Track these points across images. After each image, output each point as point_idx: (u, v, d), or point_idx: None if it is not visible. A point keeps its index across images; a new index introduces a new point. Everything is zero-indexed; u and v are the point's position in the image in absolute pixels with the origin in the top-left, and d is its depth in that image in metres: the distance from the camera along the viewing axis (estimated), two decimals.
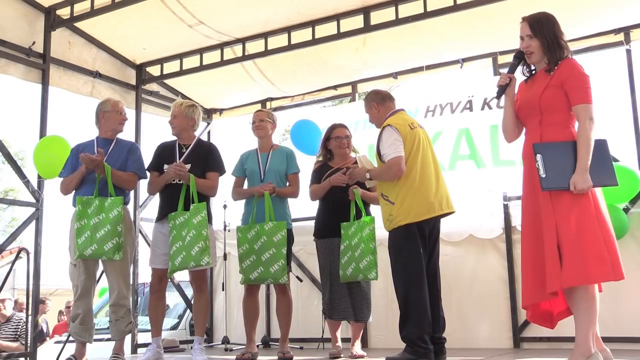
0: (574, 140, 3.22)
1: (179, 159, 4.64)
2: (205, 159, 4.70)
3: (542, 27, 3.38)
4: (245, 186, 4.98)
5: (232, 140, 7.62)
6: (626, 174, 4.83)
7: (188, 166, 4.54)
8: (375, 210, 4.70)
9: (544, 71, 3.38)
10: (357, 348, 4.71)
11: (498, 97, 3.60)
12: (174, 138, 4.82)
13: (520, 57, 3.50)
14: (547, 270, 3.13)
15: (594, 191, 3.17)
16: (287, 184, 4.90)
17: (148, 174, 4.76)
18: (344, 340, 4.91)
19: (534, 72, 3.49)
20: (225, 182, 4.98)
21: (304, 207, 5.01)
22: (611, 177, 3.18)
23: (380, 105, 4.44)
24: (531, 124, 3.37)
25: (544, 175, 3.16)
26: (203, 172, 4.64)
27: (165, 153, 4.75)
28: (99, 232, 4.36)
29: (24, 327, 6.90)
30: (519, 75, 3.57)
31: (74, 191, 4.62)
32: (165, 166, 4.63)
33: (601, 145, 3.20)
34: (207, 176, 4.66)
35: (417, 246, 4.08)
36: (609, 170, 3.17)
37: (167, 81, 6.72)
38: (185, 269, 4.48)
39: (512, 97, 3.52)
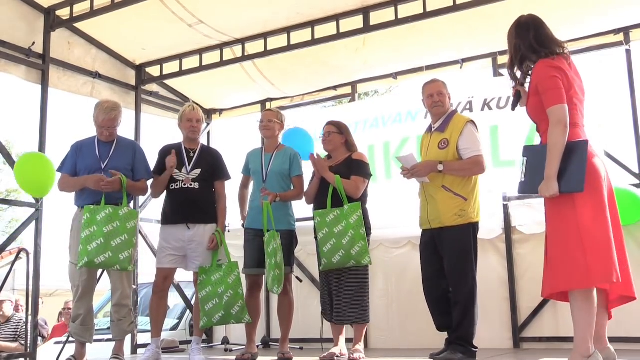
0: (571, 140, 3.13)
1: (188, 164, 4.67)
2: (214, 167, 4.77)
3: (509, 42, 3.45)
4: (251, 185, 5.02)
5: (232, 140, 7.62)
6: (629, 198, 4.76)
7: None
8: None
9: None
10: (356, 351, 4.50)
11: (512, 109, 3.64)
12: (176, 140, 4.85)
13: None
14: (545, 272, 3.24)
15: (583, 199, 3.05)
16: (292, 186, 4.88)
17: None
18: (348, 341, 4.81)
19: None
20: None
21: (303, 207, 5.00)
22: (578, 183, 3.02)
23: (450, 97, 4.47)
24: (539, 132, 3.35)
25: (522, 180, 3.21)
26: (212, 180, 4.73)
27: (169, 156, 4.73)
28: (113, 240, 4.32)
29: (24, 327, 6.89)
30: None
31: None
32: (175, 171, 4.64)
33: (576, 147, 3.08)
34: (216, 185, 4.76)
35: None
36: (577, 176, 3.02)
37: (167, 81, 6.73)
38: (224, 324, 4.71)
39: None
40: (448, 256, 4.19)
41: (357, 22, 5.51)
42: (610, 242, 3.05)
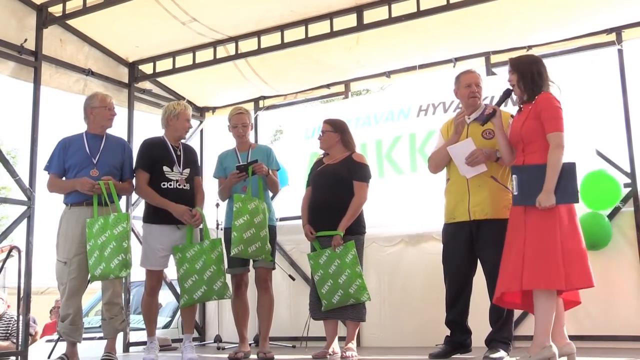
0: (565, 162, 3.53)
1: (178, 162, 4.63)
2: (196, 164, 4.81)
3: (519, 64, 3.79)
4: None
5: (225, 138, 7.59)
6: (608, 181, 4.98)
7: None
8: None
9: (527, 104, 3.73)
10: (349, 349, 4.52)
11: (482, 124, 4.03)
12: (160, 135, 4.81)
13: (507, 93, 3.93)
14: (508, 273, 3.56)
15: (562, 213, 3.46)
16: None
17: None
18: (341, 339, 4.82)
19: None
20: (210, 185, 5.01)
21: (297, 205, 4.99)
22: (573, 196, 3.52)
23: None
24: (517, 151, 3.77)
25: (516, 194, 3.60)
26: (193, 176, 4.71)
27: (158, 151, 4.67)
28: (105, 250, 4.28)
29: (15, 325, 6.85)
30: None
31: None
32: (166, 168, 4.59)
33: (569, 168, 3.51)
34: (196, 181, 4.72)
35: None
36: (572, 191, 3.51)
37: (160, 79, 6.70)
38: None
39: (499, 126, 3.89)
40: (493, 250, 3.92)
41: (350, 20, 5.51)
42: (585, 250, 3.46)
